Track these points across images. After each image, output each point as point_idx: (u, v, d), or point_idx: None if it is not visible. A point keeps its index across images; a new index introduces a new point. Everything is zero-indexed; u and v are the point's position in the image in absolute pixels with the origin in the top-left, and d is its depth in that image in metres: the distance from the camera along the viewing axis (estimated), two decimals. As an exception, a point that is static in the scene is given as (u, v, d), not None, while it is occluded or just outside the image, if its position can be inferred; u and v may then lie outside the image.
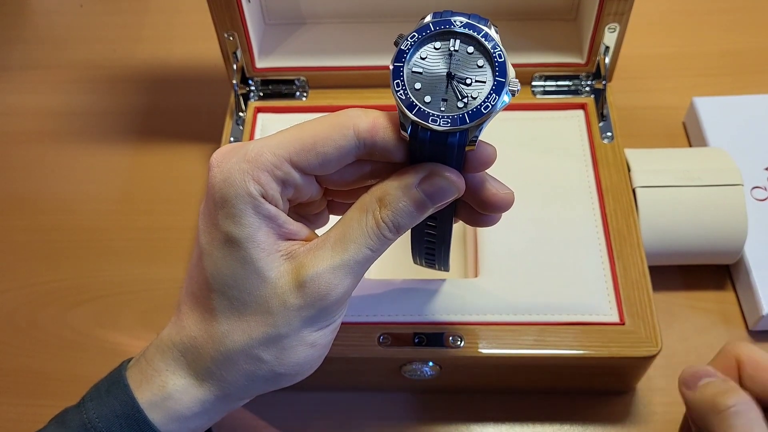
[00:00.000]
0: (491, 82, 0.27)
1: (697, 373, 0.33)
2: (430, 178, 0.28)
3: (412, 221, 0.29)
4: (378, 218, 0.28)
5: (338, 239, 0.29)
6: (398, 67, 0.27)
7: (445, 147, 0.27)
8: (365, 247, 0.29)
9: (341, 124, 0.28)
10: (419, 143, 0.27)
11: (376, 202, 0.29)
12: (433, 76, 0.27)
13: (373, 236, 0.29)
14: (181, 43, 0.66)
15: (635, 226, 0.43)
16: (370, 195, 0.29)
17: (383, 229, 0.29)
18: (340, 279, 0.29)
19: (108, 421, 0.30)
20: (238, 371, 0.30)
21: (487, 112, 0.26)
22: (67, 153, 0.59)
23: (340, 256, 0.29)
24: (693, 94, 0.56)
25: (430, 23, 0.28)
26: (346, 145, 0.28)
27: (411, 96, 0.27)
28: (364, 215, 0.29)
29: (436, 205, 0.29)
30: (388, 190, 0.28)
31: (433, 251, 0.35)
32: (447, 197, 0.29)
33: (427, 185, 0.28)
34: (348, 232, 0.29)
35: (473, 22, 0.27)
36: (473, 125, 0.26)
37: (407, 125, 0.27)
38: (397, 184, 0.28)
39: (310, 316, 0.29)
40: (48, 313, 0.50)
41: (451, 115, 0.26)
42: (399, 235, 0.29)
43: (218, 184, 0.28)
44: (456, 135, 0.27)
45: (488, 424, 0.44)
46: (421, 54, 0.28)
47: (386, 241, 0.29)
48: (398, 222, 0.29)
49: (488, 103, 0.26)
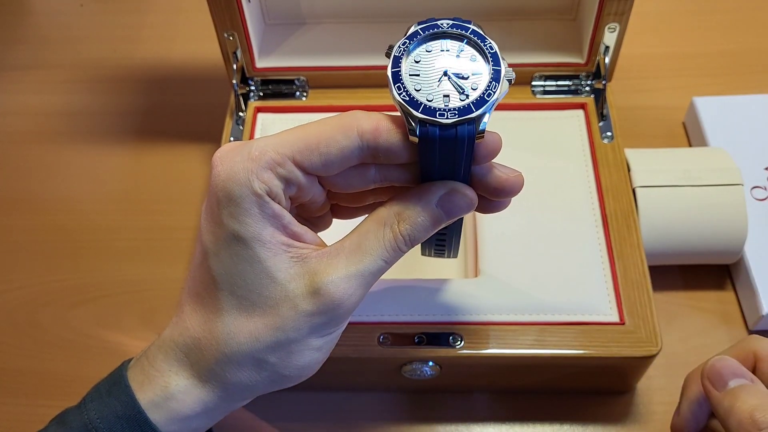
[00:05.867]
0: (488, 72, 0.28)
1: (724, 370, 0.32)
2: (450, 195, 0.29)
3: (426, 235, 0.30)
4: (396, 232, 0.29)
5: (354, 249, 0.29)
6: (396, 72, 0.28)
7: (455, 141, 0.27)
8: (380, 259, 0.29)
9: (345, 125, 0.28)
10: (429, 142, 0.27)
11: (395, 216, 0.29)
12: (430, 77, 0.28)
13: (390, 249, 0.29)
14: (181, 43, 0.66)
15: (635, 226, 0.43)
16: (388, 209, 0.30)
17: (400, 242, 0.29)
18: (354, 288, 0.29)
19: (109, 421, 0.30)
20: (242, 372, 0.30)
21: (491, 99, 0.27)
22: (67, 153, 0.59)
23: (355, 266, 0.29)
24: (693, 94, 0.56)
25: (418, 29, 0.28)
26: (349, 146, 0.28)
27: (414, 96, 0.27)
28: (381, 228, 0.29)
29: (450, 221, 0.30)
30: (407, 205, 0.29)
31: (444, 242, 0.35)
32: (462, 213, 0.30)
33: (446, 202, 0.29)
34: (364, 242, 0.29)
35: (458, 22, 0.28)
36: (480, 113, 0.27)
37: (415, 126, 0.27)
38: (416, 200, 0.29)
39: (321, 323, 0.29)
40: (48, 313, 0.50)
41: (456, 107, 0.27)
42: (412, 247, 0.30)
43: (222, 182, 0.28)
44: (465, 126, 0.27)
45: (488, 424, 0.44)
46: (415, 58, 0.28)
47: (400, 254, 0.30)
48: (414, 236, 0.29)
49: (490, 90, 0.27)
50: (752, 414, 0.30)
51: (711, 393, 0.32)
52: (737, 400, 0.30)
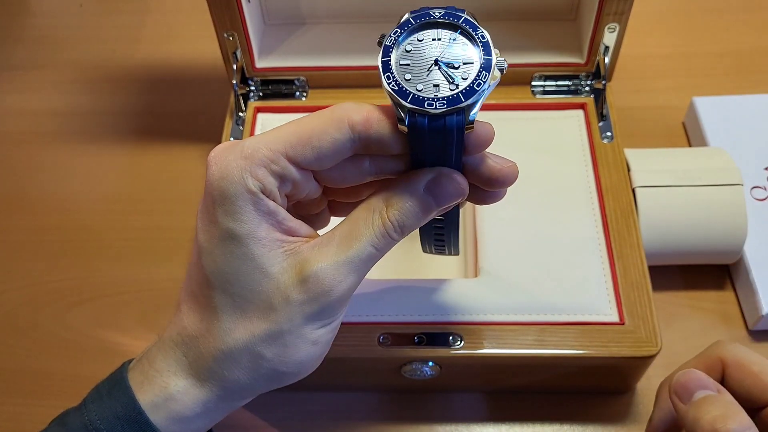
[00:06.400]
0: (479, 62, 0.27)
1: (689, 383, 0.32)
2: (437, 179, 0.29)
3: (417, 222, 0.30)
4: (385, 218, 0.29)
5: (344, 236, 0.29)
6: (386, 61, 0.28)
7: (444, 131, 0.27)
8: (370, 246, 0.29)
9: (336, 117, 0.29)
10: (418, 132, 0.27)
11: (383, 203, 0.29)
12: (421, 66, 0.28)
13: (379, 235, 0.29)
14: (181, 43, 0.66)
15: (635, 226, 0.43)
16: (377, 197, 0.30)
17: (389, 228, 0.29)
18: (344, 275, 0.29)
19: (109, 422, 0.30)
20: (240, 370, 0.30)
21: (481, 89, 0.27)
22: (67, 153, 0.59)
23: (345, 252, 0.29)
24: (693, 94, 0.56)
25: (410, 18, 0.28)
26: (341, 139, 0.28)
27: (404, 86, 0.27)
28: (371, 214, 0.29)
29: (440, 208, 0.30)
30: (395, 192, 0.29)
31: (443, 237, 0.35)
32: (452, 200, 0.30)
33: (434, 187, 0.29)
34: (354, 229, 0.29)
35: (451, 11, 0.28)
36: (469, 103, 0.27)
37: (404, 116, 0.27)
38: (404, 186, 0.29)
39: (313, 312, 0.29)
40: (48, 313, 0.50)
41: (445, 97, 0.27)
42: (404, 236, 0.30)
43: (216, 181, 0.29)
44: (454, 116, 0.27)
45: (488, 424, 0.44)
46: (406, 47, 0.28)
47: (391, 241, 0.30)
48: (404, 222, 0.29)
49: (480, 80, 0.27)
50: (714, 423, 0.29)
51: (677, 406, 0.32)
52: (700, 411, 0.30)
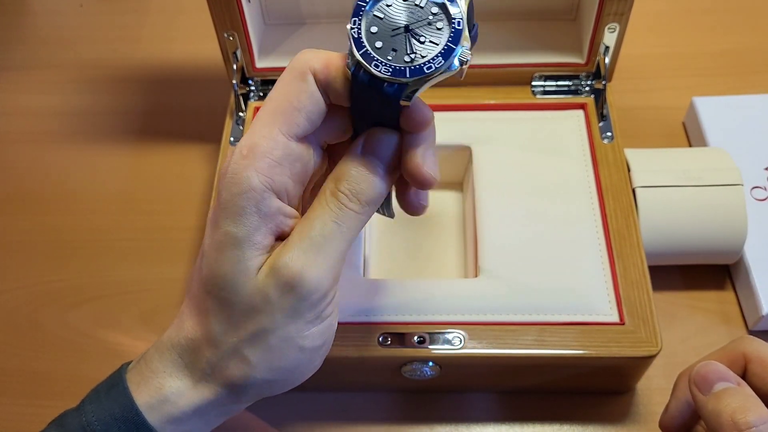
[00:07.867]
0: (442, 46, 0.27)
1: (710, 374, 0.32)
2: (369, 136, 0.29)
3: (371, 186, 0.30)
4: (334, 190, 0.29)
5: (303, 222, 0.29)
6: (361, 5, 0.27)
7: (380, 94, 0.27)
8: (330, 221, 0.29)
9: (299, 71, 0.29)
10: (359, 85, 0.27)
11: (332, 180, 0.30)
12: (390, 25, 0.27)
13: (335, 209, 0.29)
14: (181, 43, 0.66)
15: (635, 226, 0.43)
16: (327, 179, 0.30)
17: (342, 198, 0.29)
18: (311, 259, 0.28)
19: (106, 423, 0.30)
20: (230, 375, 0.30)
21: (429, 73, 0.26)
22: (67, 153, 0.59)
23: (307, 233, 0.29)
24: (693, 94, 0.56)
25: None
26: (314, 90, 0.29)
27: (363, 37, 0.27)
28: (323, 194, 0.30)
29: (385, 162, 0.30)
30: (339, 166, 0.30)
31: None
32: (390, 146, 0.30)
33: (368, 144, 0.29)
34: (310, 213, 0.29)
35: None
36: (411, 81, 0.26)
37: (351, 64, 0.27)
38: (345, 158, 0.30)
39: (291, 306, 0.29)
40: (48, 313, 0.50)
41: (394, 65, 0.27)
42: (365, 206, 0.30)
43: (224, 188, 0.29)
44: (394, 86, 0.27)
45: (488, 424, 0.44)
46: (387, 1, 0.28)
47: (351, 213, 0.29)
48: (355, 189, 0.29)
49: (432, 64, 0.27)
50: (733, 416, 0.29)
51: (697, 397, 0.32)
52: (720, 402, 0.30)
